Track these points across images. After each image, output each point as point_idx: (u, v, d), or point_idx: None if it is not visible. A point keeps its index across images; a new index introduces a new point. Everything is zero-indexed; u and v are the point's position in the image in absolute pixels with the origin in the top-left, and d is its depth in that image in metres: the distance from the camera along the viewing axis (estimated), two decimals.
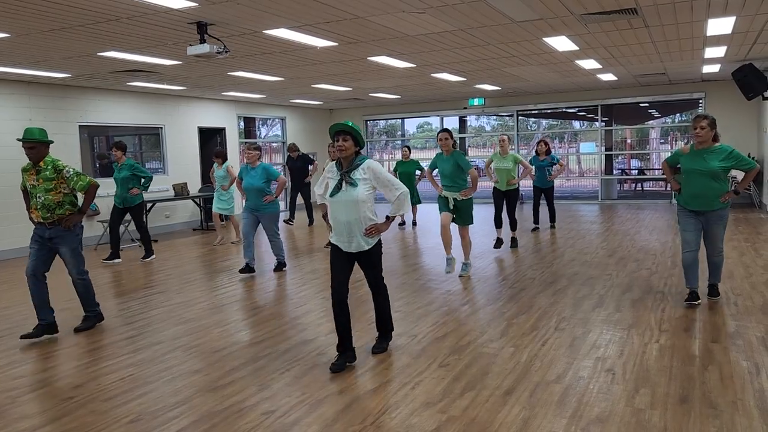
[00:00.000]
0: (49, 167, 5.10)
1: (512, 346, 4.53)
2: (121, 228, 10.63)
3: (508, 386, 3.77)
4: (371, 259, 4.22)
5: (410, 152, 11.72)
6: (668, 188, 5.78)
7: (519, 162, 8.94)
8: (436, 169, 7.05)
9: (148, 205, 11.40)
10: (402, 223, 11.69)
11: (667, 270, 6.96)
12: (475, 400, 3.58)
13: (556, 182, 11.40)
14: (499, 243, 8.69)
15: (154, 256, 9.08)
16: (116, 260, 8.88)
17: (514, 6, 6.08)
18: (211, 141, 13.90)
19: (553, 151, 10.62)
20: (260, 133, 16.81)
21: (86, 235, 10.69)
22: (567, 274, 7.00)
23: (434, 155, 7.10)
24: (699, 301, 5.40)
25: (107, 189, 11.26)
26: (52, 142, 5.21)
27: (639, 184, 19.17)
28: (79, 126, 10.87)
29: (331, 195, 4.11)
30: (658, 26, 7.36)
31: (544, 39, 7.89)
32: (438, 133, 6.83)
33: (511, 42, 8.03)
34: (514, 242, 8.90)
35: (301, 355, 4.48)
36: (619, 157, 20.99)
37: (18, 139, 5.18)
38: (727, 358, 4.13)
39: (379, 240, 4.23)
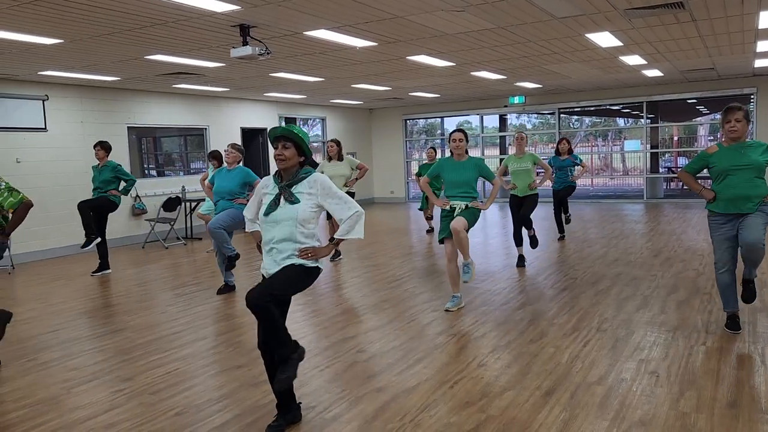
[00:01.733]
0: None
1: (553, 347, 4.48)
2: (166, 226, 10.96)
3: (548, 387, 3.74)
4: (287, 272, 3.19)
5: (436, 153, 11.08)
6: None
7: (538, 162, 7.78)
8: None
9: (193, 205, 11.68)
10: (430, 230, 11.03)
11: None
12: (515, 401, 3.56)
13: (596, 181, 11.03)
14: (521, 261, 7.55)
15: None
16: (106, 271, 8.16)
17: (555, 2, 6.00)
18: (253, 141, 14.15)
19: (585, 149, 10.02)
20: None
21: (134, 233, 11.07)
22: (610, 274, 6.87)
23: (437, 160, 5.76)
24: (740, 330, 4.65)
25: (154, 188, 11.62)
26: None
27: None
28: (128, 128, 11.22)
29: (265, 213, 3.23)
30: (706, 20, 7.14)
31: (586, 35, 7.75)
32: (451, 134, 5.62)
33: (553, 39, 7.93)
34: (533, 242, 7.71)
35: (341, 352, 4.54)
36: (666, 155, 20.43)
37: None
38: None
39: (313, 271, 3.29)
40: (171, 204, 10.88)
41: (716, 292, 5.82)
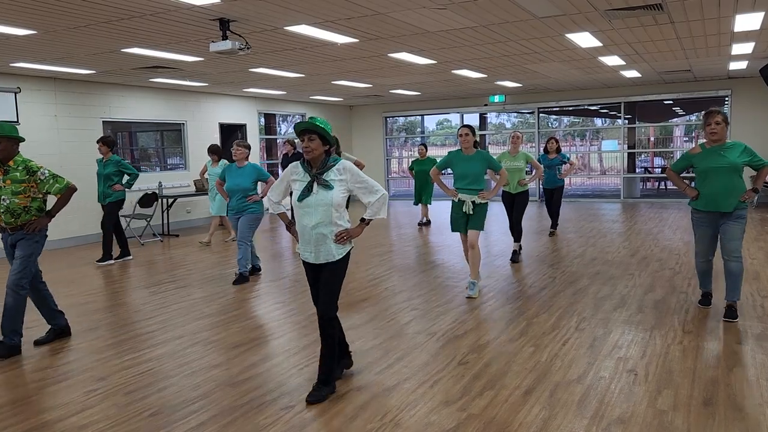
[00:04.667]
0: (20, 168, 4.60)
1: (532, 346, 4.49)
2: (143, 222, 10.80)
3: (527, 386, 3.74)
4: (334, 273, 3.60)
5: (426, 150, 11.45)
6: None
7: (530, 161, 7.95)
8: (446, 170, 6.26)
9: (170, 201, 11.52)
10: (428, 222, 11.60)
11: (691, 270, 6.85)
12: (495, 399, 3.55)
13: (574, 180, 11.25)
14: (515, 256, 7.82)
15: (111, 262, 8.49)
16: (128, 257, 8.70)
17: (536, 2, 6.02)
18: (232, 137, 13.99)
19: (563, 149, 10.29)
20: (280, 130, 16.88)
21: None
22: (588, 273, 6.92)
23: (447, 153, 6.23)
24: (711, 305, 5.27)
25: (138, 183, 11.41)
26: (22, 139, 4.69)
27: (662, 183, 18.90)
28: (103, 122, 11.01)
29: (300, 199, 3.55)
30: (684, 22, 7.23)
31: (566, 35, 7.80)
32: (459, 129, 6.06)
33: (533, 38, 7.96)
34: (514, 256, 7.81)
35: (319, 352, 4.48)
36: (642, 156, 20.70)
37: None
38: (753, 361, 4.05)
39: (348, 254, 3.67)
40: (147, 200, 10.70)
41: (692, 291, 5.94)
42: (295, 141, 12.07)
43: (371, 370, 4.08)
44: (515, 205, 8.00)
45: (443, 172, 6.35)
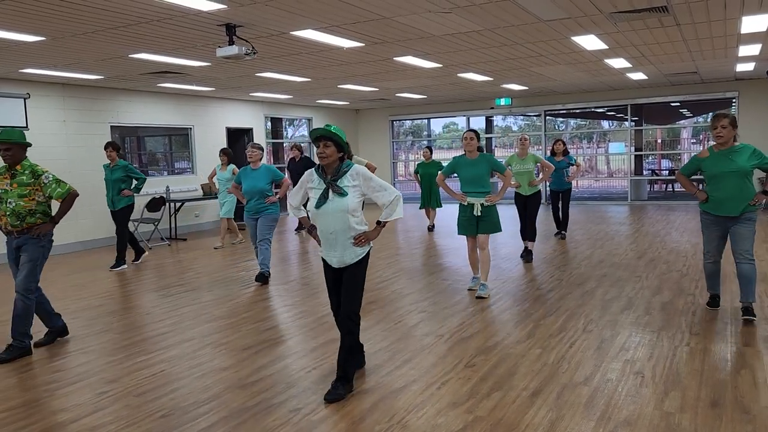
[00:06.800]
0: (27, 171, 4.73)
1: (539, 348, 4.50)
2: (150, 227, 10.87)
3: (535, 387, 3.75)
4: (356, 273, 3.79)
5: (431, 153, 11.35)
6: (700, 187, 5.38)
7: (540, 162, 8.14)
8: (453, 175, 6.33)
9: (177, 205, 11.59)
10: (431, 228, 11.46)
11: (698, 272, 6.84)
12: (502, 401, 3.57)
13: (581, 183, 11.17)
14: (529, 255, 8.01)
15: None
16: (123, 266, 8.47)
17: (541, 5, 6.04)
18: (239, 141, 14.07)
19: (571, 151, 10.19)
20: (287, 134, 16.96)
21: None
22: (595, 275, 6.93)
23: (452, 158, 6.32)
24: (719, 306, 5.31)
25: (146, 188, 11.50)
26: (29, 144, 4.80)
27: (669, 185, 18.85)
28: (111, 126, 11.10)
29: (317, 206, 3.73)
30: (689, 24, 7.23)
31: (572, 38, 7.82)
32: (464, 133, 6.16)
33: (539, 41, 7.98)
34: (528, 255, 8.00)
35: (329, 353, 4.52)
36: (649, 158, 20.65)
37: None
38: (761, 363, 4.05)
39: (368, 254, 3.87)
40: (155, 204, 10.78)
41: (699, 293, 5.93)
42: (302, 145, 12.14)
43: (379, 372, 4.11)
44: (528, 206, 8.21)
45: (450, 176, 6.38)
